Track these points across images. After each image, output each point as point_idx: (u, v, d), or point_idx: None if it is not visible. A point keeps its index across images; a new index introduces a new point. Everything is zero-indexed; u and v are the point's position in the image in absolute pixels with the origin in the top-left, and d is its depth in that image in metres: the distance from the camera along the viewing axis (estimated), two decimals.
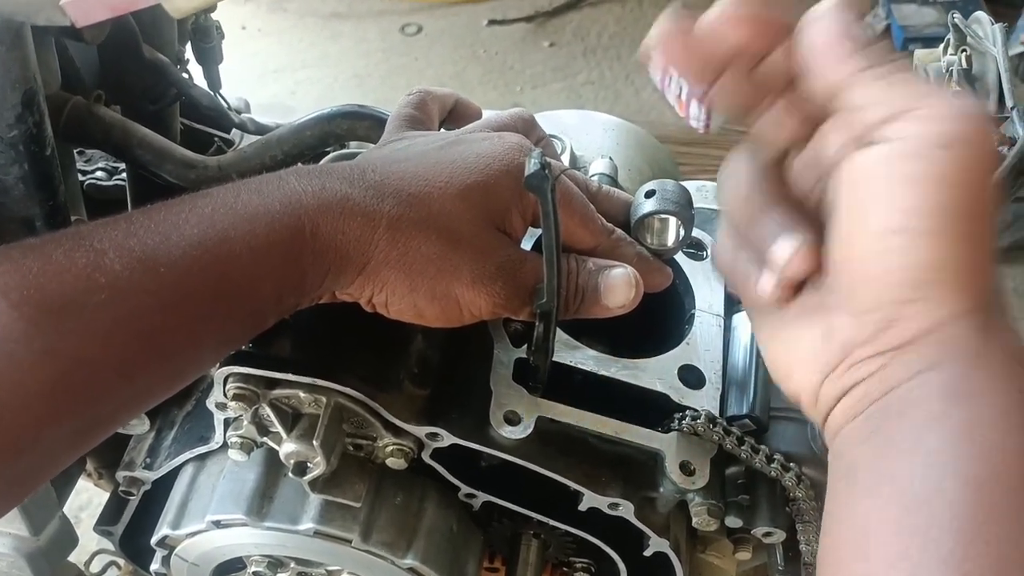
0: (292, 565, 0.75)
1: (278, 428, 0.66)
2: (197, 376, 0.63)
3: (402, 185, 0.58)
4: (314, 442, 0.64)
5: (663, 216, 0.66)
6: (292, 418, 0.67)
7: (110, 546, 1.04)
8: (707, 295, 0.78)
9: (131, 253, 0.49)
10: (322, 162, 0.86)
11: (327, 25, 3.27)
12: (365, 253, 0.56)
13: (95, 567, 1.06)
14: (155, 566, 0.79)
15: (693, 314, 0.76)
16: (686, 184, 0.95)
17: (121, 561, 1.09)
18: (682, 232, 0.66)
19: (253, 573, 0.75)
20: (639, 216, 0.66)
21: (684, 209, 0.65)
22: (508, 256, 0.60)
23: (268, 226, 0.53)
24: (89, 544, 1.00)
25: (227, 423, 0.70)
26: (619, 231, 0.66)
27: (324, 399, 0.65)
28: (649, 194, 0.66)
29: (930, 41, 0.90)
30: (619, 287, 0.61)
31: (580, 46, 3.17)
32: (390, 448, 0.68)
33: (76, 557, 1.02)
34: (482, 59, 3.15)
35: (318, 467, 0.66)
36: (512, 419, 0.66)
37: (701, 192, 0.92)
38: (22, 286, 0.46)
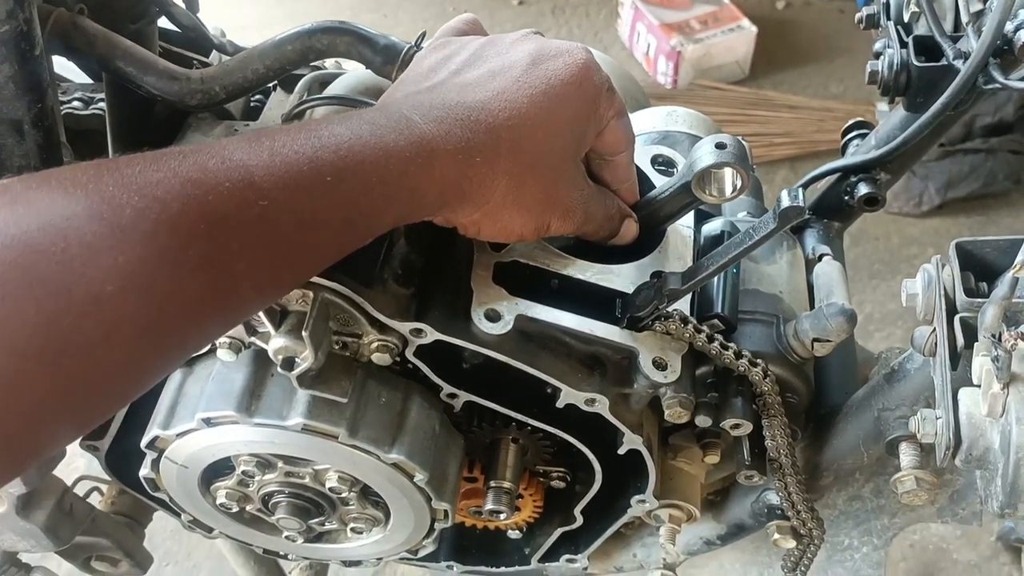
0: (280, 465, 0.77)
1: (267, 325, 0.68)
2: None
3: (511, 125, 0.62)
4: (303, 333, 0.66)
5: (723, 167, 0.67)
6: (280, 315, 0.69)
7: (93, 471, 1.06)
8: None
9: (277, 175, 0.51)
10: (299, 85, 0.87)
11: None
12: (486, 196, 0.62)
13: (78, 491, 1.07)
14: (144, 471, 0.80)
15: (665, 228, 0.79)
16: (658, 109, 0.98)
17: (104, 487, 1.11)
18: (739, 183, 0.68)
19: (242, 472, 0.77)
20: (703, 167, 0.67)
21: (743, 162, 0.67)
22: (587, 190, 0.70)
23: (401, 164, 0.57)
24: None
25: None
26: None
27: (311, 294, 0.67)
28: (720, 145, 0.67)
29: None
30: (629, 234, 0.75)
31: (549, 4, 3.18)
32: (375, 344, 0.70)
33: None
34: (452, 16, 3.13)
35: (306, 361, 0.68)
36: (492, 316, 0.69)
37: (672, 116, 0.96)
38: (183, 196, 0.47)
